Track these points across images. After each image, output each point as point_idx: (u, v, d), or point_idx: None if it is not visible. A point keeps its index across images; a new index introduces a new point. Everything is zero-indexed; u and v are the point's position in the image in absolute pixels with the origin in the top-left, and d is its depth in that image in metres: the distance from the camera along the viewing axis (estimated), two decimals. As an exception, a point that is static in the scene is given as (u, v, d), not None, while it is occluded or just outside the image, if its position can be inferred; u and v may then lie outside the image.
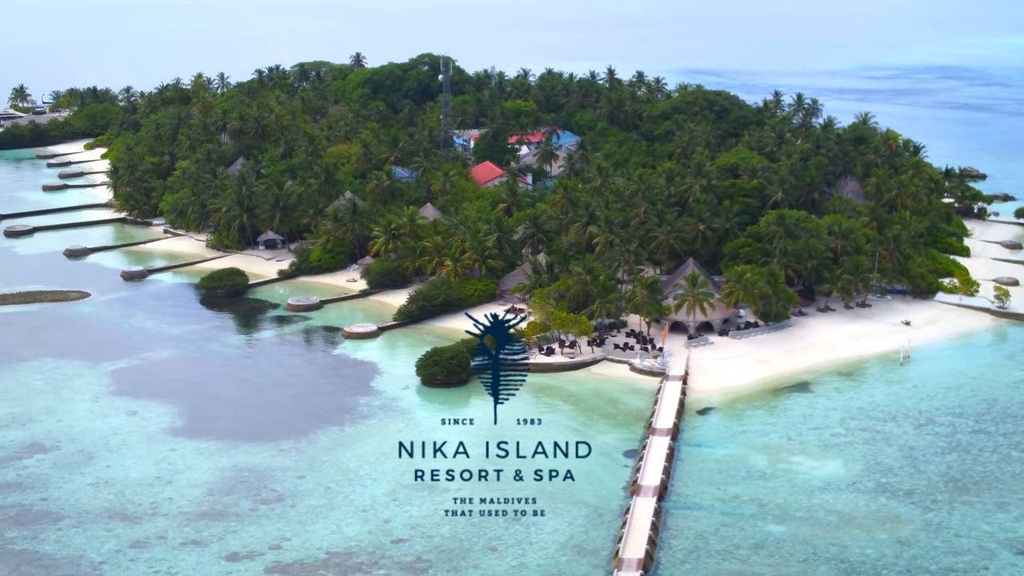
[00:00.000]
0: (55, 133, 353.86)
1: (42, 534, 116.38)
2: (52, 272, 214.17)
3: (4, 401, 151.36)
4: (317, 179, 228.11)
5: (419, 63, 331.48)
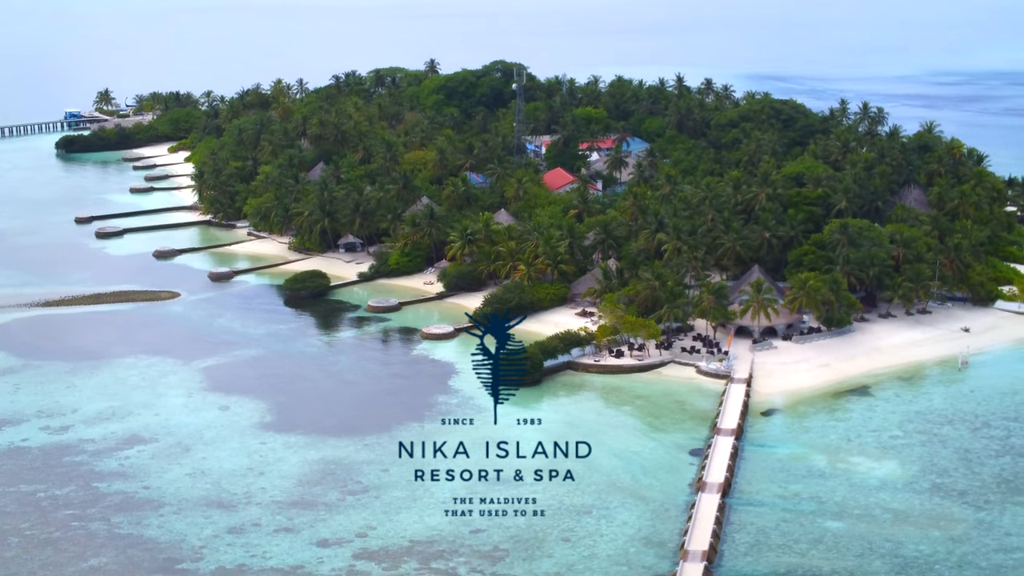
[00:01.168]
0: (140, 136, 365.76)
1: (145, 520, 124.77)
2: (143, 272, 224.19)
3: (104, 396, 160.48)
4: (395, 185, 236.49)
5: (492, 69, 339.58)
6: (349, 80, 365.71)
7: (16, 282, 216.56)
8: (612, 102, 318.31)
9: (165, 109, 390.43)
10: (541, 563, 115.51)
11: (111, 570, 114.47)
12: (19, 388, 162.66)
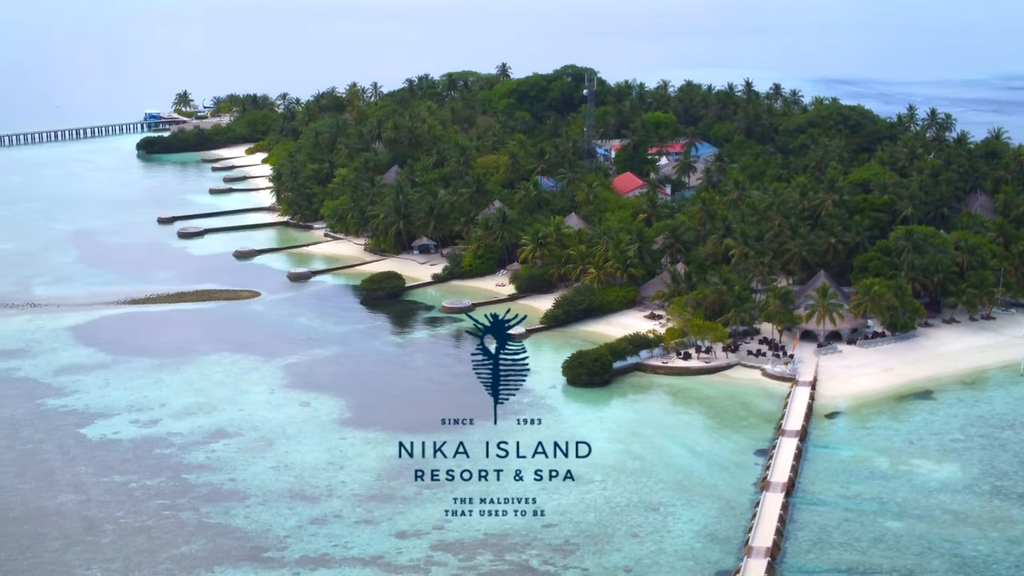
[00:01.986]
0: (218, 138, 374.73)
1: (232, 510, 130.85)
2: (223, 272, 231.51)
3: (190, 391, 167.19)
4: (469, 189, 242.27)
5: (562, 74, 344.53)
6: (422, 83, 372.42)
7: (103, 280, 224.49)
8: (681, 107, 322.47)
9: (242, 111, 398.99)
10: (610, 557, 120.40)
11: (201, 557, 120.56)
12: (109, 383, 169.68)
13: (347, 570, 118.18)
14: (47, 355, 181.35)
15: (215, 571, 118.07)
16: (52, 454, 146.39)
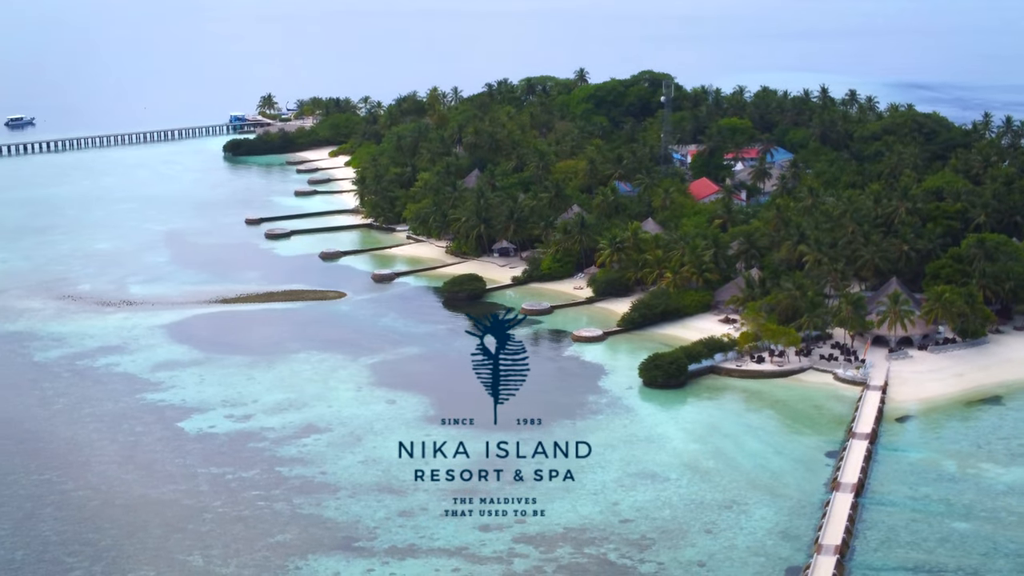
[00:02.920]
0: (302, 140, 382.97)
1: (324, 502, 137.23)
2: (310, 272, 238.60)
3: (281, 388, 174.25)
4: (548, 194, 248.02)
5: (640, 79, 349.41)
6: (501, 88, 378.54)
7: (195, 280, 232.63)
8: (757, 113, 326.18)
9: (325, 114, 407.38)
10: (685, 552, 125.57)
11: (295, 545, 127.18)
12: (203, 379, 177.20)
13: (433, 560, 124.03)
14: (144, 351, 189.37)
15: (308, 559, 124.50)
16: (153, 446, 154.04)
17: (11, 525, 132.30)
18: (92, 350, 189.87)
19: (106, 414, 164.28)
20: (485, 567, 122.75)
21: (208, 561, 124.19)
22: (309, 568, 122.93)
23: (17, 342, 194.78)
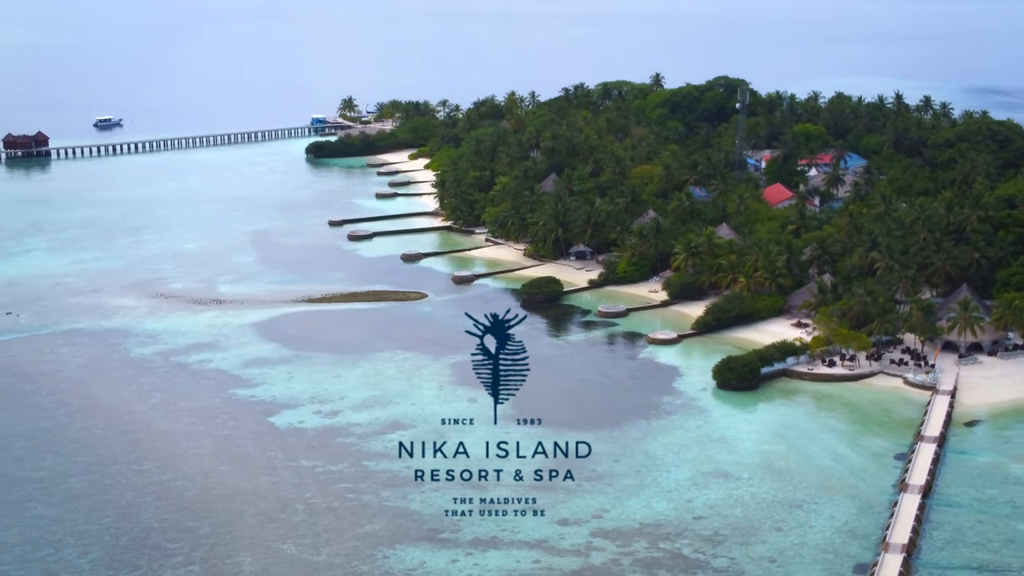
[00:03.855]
0: (382, 143, 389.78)
1: (409, 495, 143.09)
2: (392, 274, 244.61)
3: (366, 385, 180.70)
4: (624, 199, 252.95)
5: (715, 85, 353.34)
6: (578, 92, 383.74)
7: (282, 280, 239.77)
8: (831, 118, 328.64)
9: (405, 117, 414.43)
10: (756, 548, 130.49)
11: (384, 536, 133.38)
12: (292, 376, 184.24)
13: (515, 552, 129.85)
14: (235, 349, 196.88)
15: (396, 548, 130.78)
16: (245, 440, 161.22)
17: (115, 512, 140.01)
18: (185, 347, 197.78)
19: (200, 408, 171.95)
20: (564, 559, 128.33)
21: (301, 549, 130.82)
22: (396, 557, 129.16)
23: (114, 338, 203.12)
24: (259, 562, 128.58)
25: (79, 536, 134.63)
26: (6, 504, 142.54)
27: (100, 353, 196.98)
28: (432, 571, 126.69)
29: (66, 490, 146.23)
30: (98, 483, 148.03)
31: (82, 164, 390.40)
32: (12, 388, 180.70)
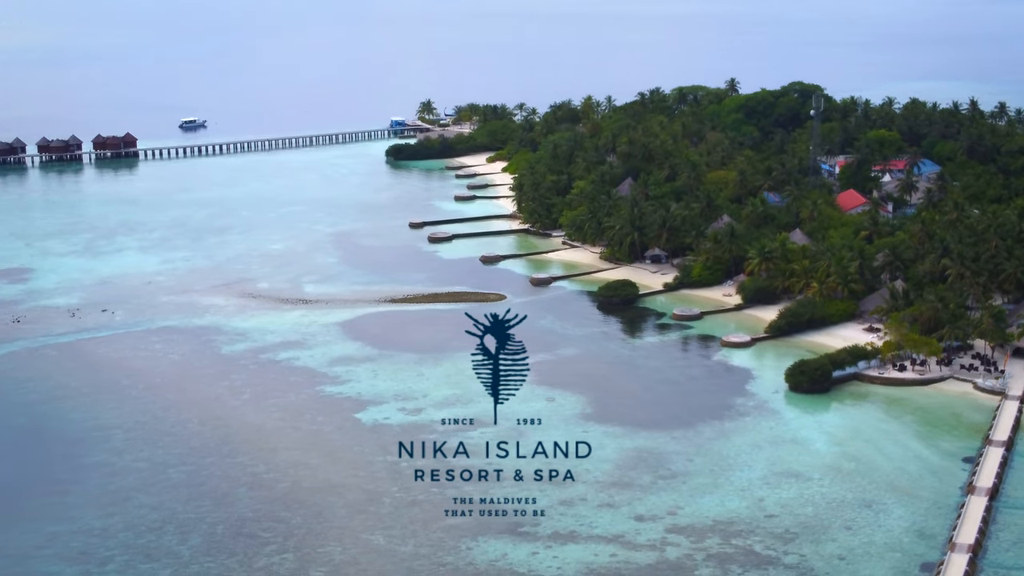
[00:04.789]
0: (460, 146, 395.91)
1: (490, 490, 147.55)
2: (471, 275, 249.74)
3: (448, 384, 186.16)
4: (699, 204, 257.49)
5: (789, 90, 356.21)
6: (653, 97, 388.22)
7: (365, 280, 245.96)
8: (905, 124, 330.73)
9: (483, 120, 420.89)
10: (826, 546, 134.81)
11: (467, 528, 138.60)
12: (377, 374, 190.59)
13: (592, 546, 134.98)
14: (321, 347, 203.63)
15: (479, 540, 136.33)
16: (333, 435, 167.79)
17: (211, 502, 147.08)
18: (273, 345, 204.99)
19: (289, 404, 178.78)
20: (640, 553, 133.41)
21: (389, 540, 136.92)
22: (480, 549, 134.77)
23: (206, 336, 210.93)
24: (348, 551, 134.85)
25: (178, 524, 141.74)
26: (109, 493, 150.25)
27: (192, 350, 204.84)
28: (514, 563, 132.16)
29: (164, 480, 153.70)
30: (194, 474, 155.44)
31: (168, 165, 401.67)
32: (111, 382, 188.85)
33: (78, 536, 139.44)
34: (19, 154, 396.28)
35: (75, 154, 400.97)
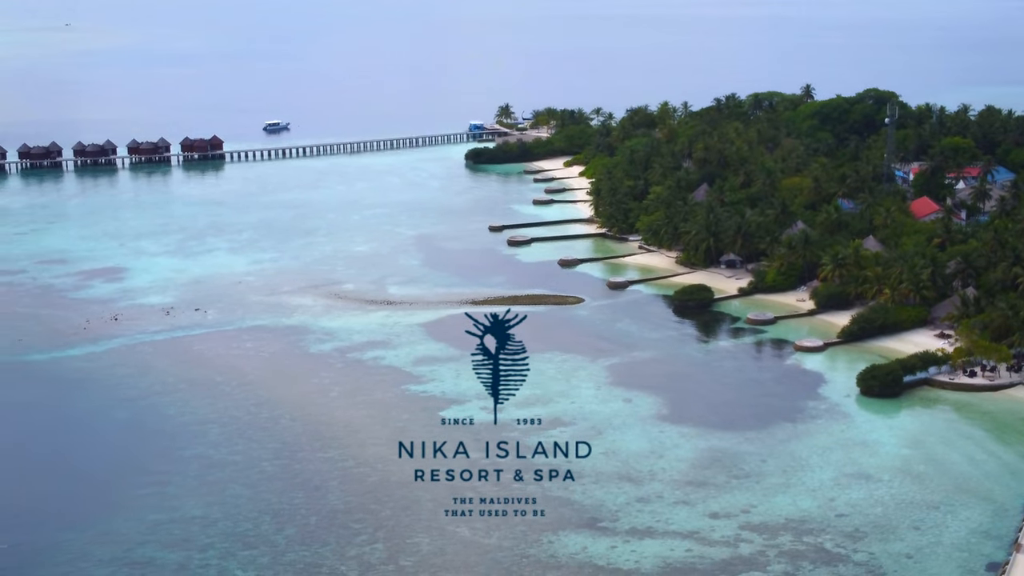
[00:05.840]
0: (538, 150, 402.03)
1: (570, 487, 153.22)
2: (550, 278, 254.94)
3: (528, 384, 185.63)
4: (774, 210, 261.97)
5: (864, 97, 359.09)
6: (729, 103, 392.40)
7: (446, 282, 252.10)
8: (980, 132, 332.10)
9: (560, 125, 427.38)
10: (894, 545, 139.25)
11: (548, 523, 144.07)
12: (459, 374, 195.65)
13: (668, 541, 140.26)
14: (405, 347, 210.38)
15: (559, 534, 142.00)
16: (419, 432, 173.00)
17: (304, 494, 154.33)
18: (360, 344, 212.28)
19: (376, 402, 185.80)
20: (714, 549, 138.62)
21: (474, 533, 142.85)
22: (560, 542, 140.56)
23: (295, 335, 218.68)
24: (435, 543, 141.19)
25: (274, 514, 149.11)
26: (207, 484, 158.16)
27: (282, 348, 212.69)
28: (593, 555, 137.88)
29: (259, 473, 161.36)
30: (287, 467, 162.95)
31: (253, 167, 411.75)
32: (205, 379, 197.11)
33: (179, 524, 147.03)
34: (110, 156, 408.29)
35: (164, 156, 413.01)
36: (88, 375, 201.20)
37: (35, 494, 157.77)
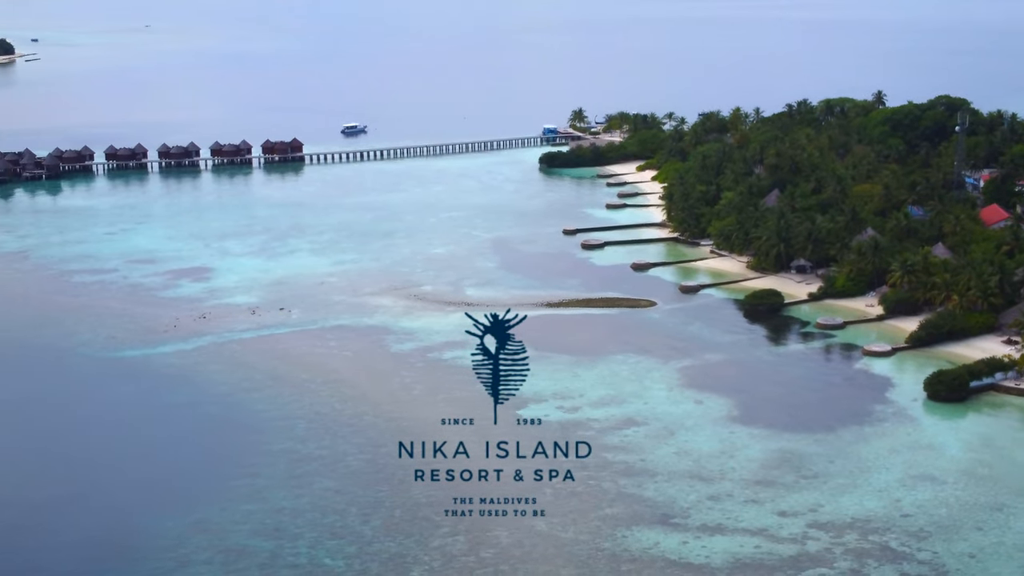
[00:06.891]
0: (611, 155, 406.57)
1: (644, 484, 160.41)
2: (622, 282, 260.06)
3: (603, 385, 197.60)
4: (844, 216, 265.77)
5: (936, 104, 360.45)
6: (800, 108, 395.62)
7: (522, 285, 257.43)
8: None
9: (633, 129, 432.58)
10: (957, 544, 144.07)
11: (622, 518, 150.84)
12: (536, 374, 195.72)
13: (738, 538, 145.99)
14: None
15: (632, 529, 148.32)
16: (496, 431, 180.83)
17: (388, 488, 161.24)
18: (439, 344, 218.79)
19: (456, 400, 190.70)
20: (782, 546, 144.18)
21: (551, 527, 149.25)
22: (633, 537, 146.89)
23: (376, 335, 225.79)
24: (513, 536, 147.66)
25: (359, 507, 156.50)
26: (295, 477, 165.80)
27: (365, 348, 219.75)
28: (665, 550, 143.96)
29: (345, 467, 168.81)
30: (372, 462, 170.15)
31: (332, 169, 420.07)
32: (291, 376, 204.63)
33: (270, 514, 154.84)
34: (193, 157, 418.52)
35: (245, 158, 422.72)
36: (180, 371, 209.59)
37: (133, 483, 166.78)
